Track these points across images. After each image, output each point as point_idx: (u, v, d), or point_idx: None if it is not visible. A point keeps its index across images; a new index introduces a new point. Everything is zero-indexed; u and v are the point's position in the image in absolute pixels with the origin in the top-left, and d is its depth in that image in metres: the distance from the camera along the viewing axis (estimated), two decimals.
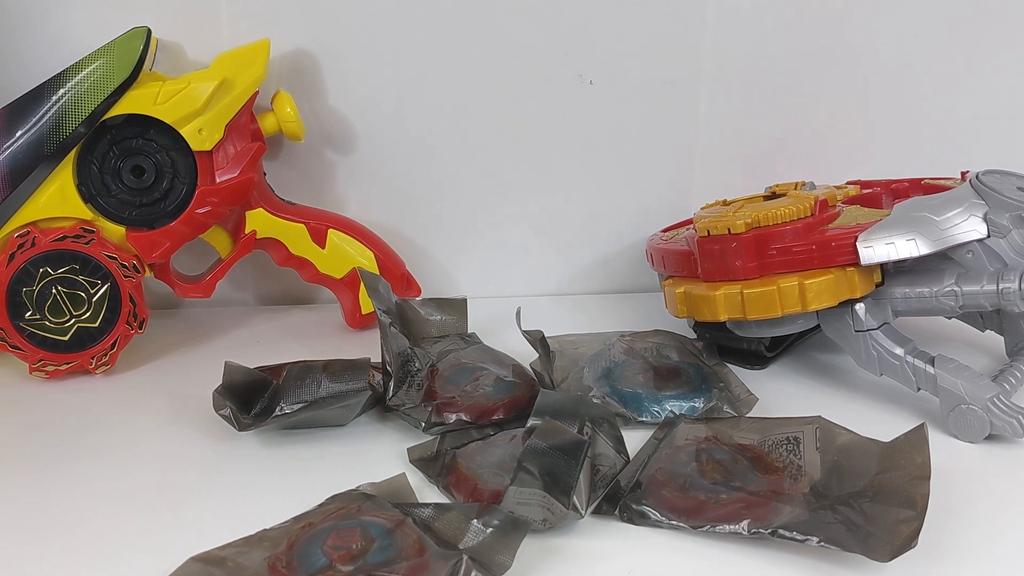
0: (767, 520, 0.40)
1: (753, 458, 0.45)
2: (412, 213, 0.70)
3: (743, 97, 0.70)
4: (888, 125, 0.72)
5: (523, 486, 0.40)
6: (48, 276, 0.55)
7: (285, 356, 0.56)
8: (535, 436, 0.42)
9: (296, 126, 0.62)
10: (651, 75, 0.69)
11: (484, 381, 0.53)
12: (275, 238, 0.62)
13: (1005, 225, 0.49)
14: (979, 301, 0.49)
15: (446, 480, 0.45)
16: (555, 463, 0.41)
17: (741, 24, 0.68)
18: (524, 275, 0.73)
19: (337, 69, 0.66)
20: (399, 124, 0.68)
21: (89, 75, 0.55)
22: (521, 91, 0.68)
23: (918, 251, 0.49)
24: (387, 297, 0.56)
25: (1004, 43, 0.71)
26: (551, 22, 0.67)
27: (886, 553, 0.37)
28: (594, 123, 0.70)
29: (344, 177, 0.69)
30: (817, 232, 0.51)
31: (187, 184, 0.58)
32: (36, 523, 0.43)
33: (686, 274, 0.57)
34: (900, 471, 0.42)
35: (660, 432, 0.49)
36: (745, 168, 0.72)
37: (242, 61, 0.59)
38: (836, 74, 0.70)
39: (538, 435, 0.42)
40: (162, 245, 0.58)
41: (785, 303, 0.50)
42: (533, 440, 0.42)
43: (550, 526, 0.41)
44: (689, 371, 0.55)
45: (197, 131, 0.57)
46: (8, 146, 0.55)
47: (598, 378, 0.54)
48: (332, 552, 0.38)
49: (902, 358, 0.51)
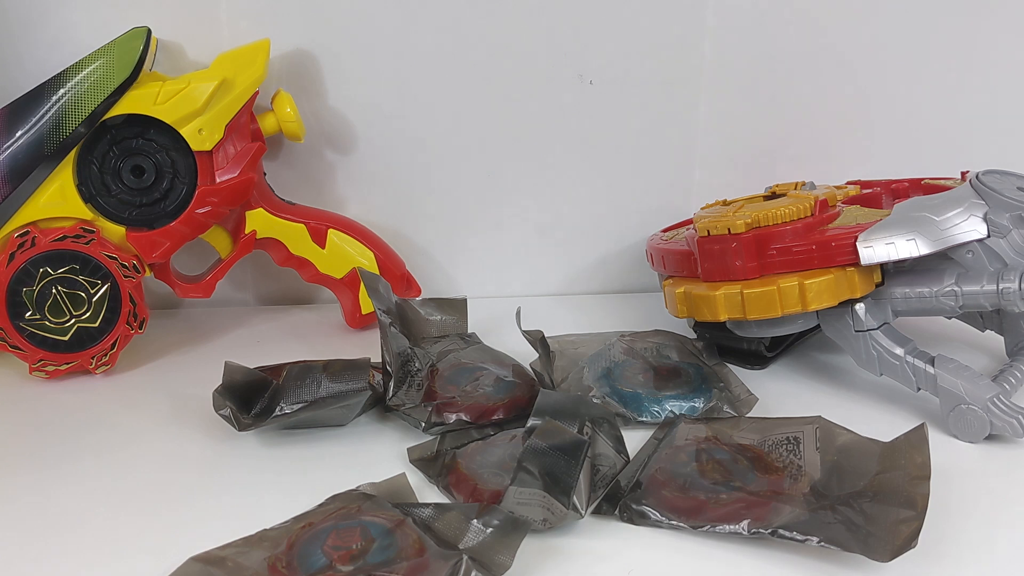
0: (767, 520, 0.40)
1: (753, 458, 0.45)
2: (412, 213, 0.70)
3: (743, 97, 0.70)
4: (888, 125, 0.72)
5: (523, 486, 0.40)
6: (48, 276, 0.55)
7: (285, 356, 0.56)
8: (535, 436, 0.42)
9: (296, 126, 0.62)
10: (651, 75, 0.69)
11: (484, 381, 0.53)
12: (275, 238, 0.62)
13: (1005, 225, 0.49)
14: (979, 301, 0.49)
15: (446, 480, 0.45)
16: (555, 463, 0.41)
17: (741, 24, 0.68)
18: (524, 275, 0.73)
19: (337, 69, 0.66)
20: (399, 124, 0.68)
21: (89, 75, 0.55)
22: (521, 91, 0.68)
23: (918, 251, 0.49)
24: (387, 297, 0.56)
25: (1004, 43, 0.71)
26: (551, 22, 0.67)
27: (886, 553, 0.37)
28: (594, 123, 0.70)
29: (344, 177, 0.69)
30: (817, 232, 0.51)
31: (187, 184, 0.58)
32: (36, 523, 0.43)
33: (686, 274, 0.57)
34: (900, 471, 0.42)
35: (660, 432, 0.49)
36: (745, 168, 0.72)
37: (242, 61, 0.59)
38: (836, 74, 0.70)
39: (538, 435, 0.42)
40: (162, 245, 0.58)
41: (785, 303, 0.50)
42: (533, 440, 0.42)
43: (550, 526, 0.41)
44: (689, 371, 0.55)
45: (197, 131, 0.57)
46: (8, 146, 0.55)
47: (598, 378, 0.54)
48: (332, 552, 0.38)
49: (902, 358, 0.51)
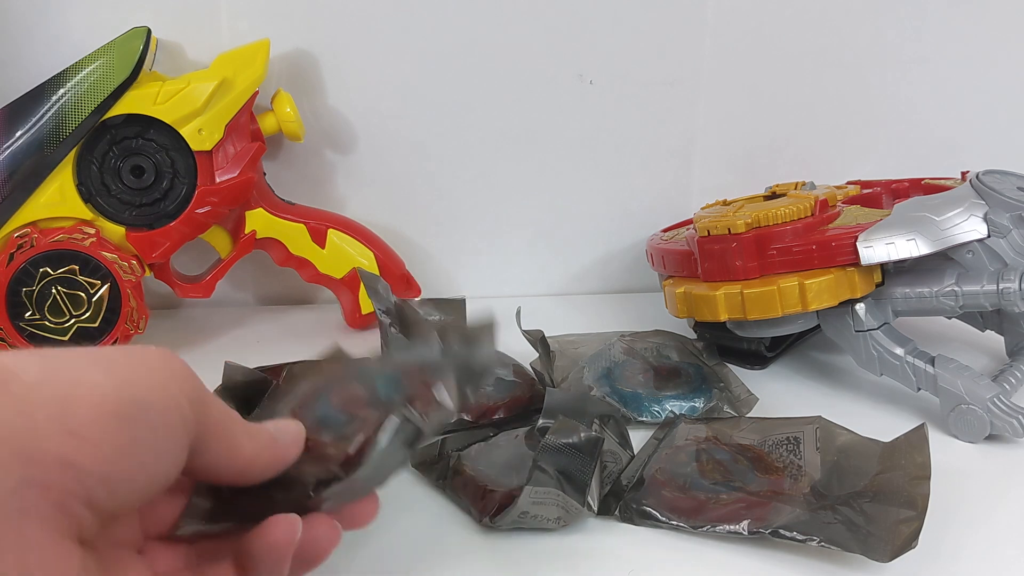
0: (767, 520, 0.40)
1: (753, 458, 0.45)
2: (412, 213, 0.70)
3: (743, 97, 0.70)
4: (888, 125, 0.72)
5: (539, 485, 0.40)
6: (48, 276, 0.55)
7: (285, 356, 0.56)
8: (551, 434, 0.42)
9: (296, 126, 0.62)
10: (651, 75, 0.69)
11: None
12: (275, 238, 0.62)
13: (1005, 225, 0.49)
14: (979, 301, 0.49)
15: (452, 483, 0.45)
16: (571, 462, 0.41)
17: (741, 24, 0.68)
18: (524, 275, 0.73)
19: (337, 69, 0.66)
20: (399, 124, 0.68)
21: (89, 75, 0.55)
22: (521, 91, 0.68)
23: (918, 251, 0.49)
24: (387, 297, 0.56)
25: (1004, 43, 0.71)
26: (551, 22, 0.67)
27: (886, 553, 0.37)
28: (594, 123, 0.70)
29: (344, 177, 0.69)
30: (817, 232, 0.51)
31: (187, 184, 0.58)
32: None
33: (686, 274, 0.57)
34: (900, 471, 0.42)
35: (660, 432, 0.49)
36: (745, 168, 0.72)
37: (242, 61, 0.59)
38: (836, 74, 0.70)
39: (553, 433, 0.42)
40: (162, 245, 0.58)
41: (785, 303, 0.50)
42: (549, 438, 0.42)
43: (564, 524, 0.41)
44: (689, 371, 0.55)
45: (197, 131, 0.57)
46: (8, 146, 0.55)
47: (598, 378, 0.54)
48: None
49: (902, 358, 0.51)
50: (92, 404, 0.25)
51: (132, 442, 0.26)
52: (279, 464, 0.31)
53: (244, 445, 0.30)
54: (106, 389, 0.26)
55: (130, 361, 0.27)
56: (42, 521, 0.24)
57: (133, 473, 0.26)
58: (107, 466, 0.25)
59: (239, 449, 0.30)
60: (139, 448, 0.26)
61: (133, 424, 0.26)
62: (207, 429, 0.29)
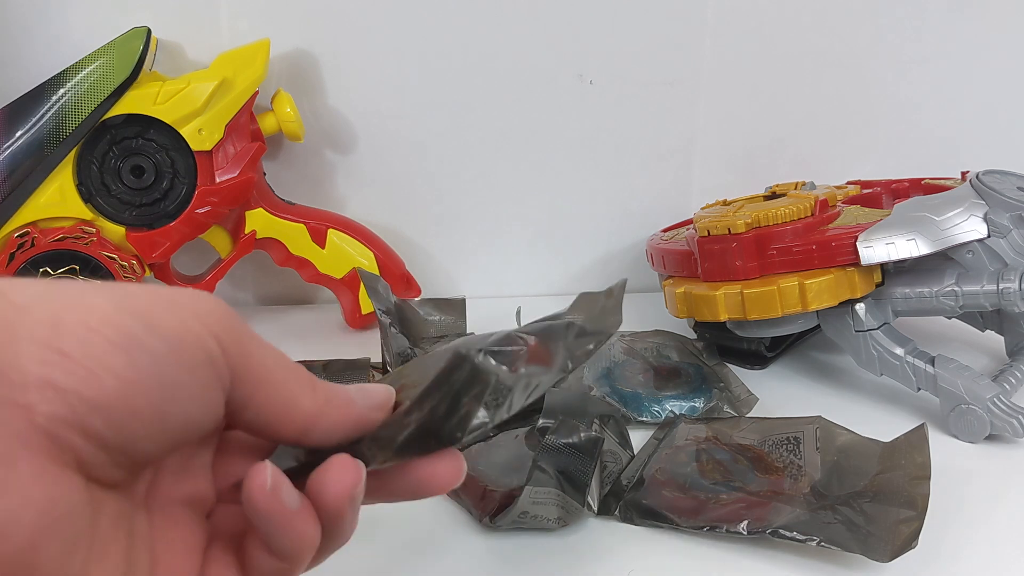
0: (767, 520, 0.40)
1: (753, 458, 0.45)
2: (412, 213, 0.70)
3: (743, 97, 0.70)
4: (888, 125, 0.72)
5: (539, 485, 0.40)
6: (48, 276, 0.55)
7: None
8: (551, 434, 0.42)
9: (296, 126, 0.62)
10: (651, 75, 0.69)
11: None
12: (275, 238, 0.62)
13: (1005, 225, 0.49)
14: (979, 301, 0.49)
15: None
16: (571, 461, 0.41)
17: (741, 24, 0.68)
18: (524, 275, 0.73)
19: (337, 69, 0.66)
20: (399, 124, 0.68)
21: (89, 75, 0.55)
22: (521, 91, 0.68)
23: (918, 251, 0.49)
24: (387, 297, 0.56)
25: (1004, 43, 0.71)
26: (551, 22, 0.67)
27: (886, 553, 0.37)
28: (594, 123, 0.70)
29: (344, 177, 0.69)
30: (817, 232, 0.51)
31: (187, 184, 0.58)
32: None
33: (686, 274, 0.57)
34: (900, 471, 0.42)
35: (660, 432, 0.49)
36: (745, 168, 0.72)
37: (242, 61, 0.59)
38: (836, 74, 0.70)
39: (554, 433, 0.42)
40: (162, 245, 0.58)
41: (785, 303, 0.50)
42: (549, 438, 0.42)
43: (564, 524, 0.41)
44: (689, 371, 0.55)
45: (197, 131, 0.57)
46: (8, 146, 0.55)
47: (598, 378, 0.54)
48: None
49: (902, 358, 0.51)
50: (87, 327, 0.23)
51: (135, 372, 0.23)
52: (352, 426, 0.28)
53: (302, 399, 0.27)
54: (106, 312, 0.23)
55: (150, 295, 0.25)
56: (21, 441, 0.22)
57: (139, 407, 0.23)
58: (100, 393, 0.23)
59: (294, 402, 0.27)
60: (145, 380, 0.23)
61: (135, 352, 0.23)
62: (248, 375, 0.26)
